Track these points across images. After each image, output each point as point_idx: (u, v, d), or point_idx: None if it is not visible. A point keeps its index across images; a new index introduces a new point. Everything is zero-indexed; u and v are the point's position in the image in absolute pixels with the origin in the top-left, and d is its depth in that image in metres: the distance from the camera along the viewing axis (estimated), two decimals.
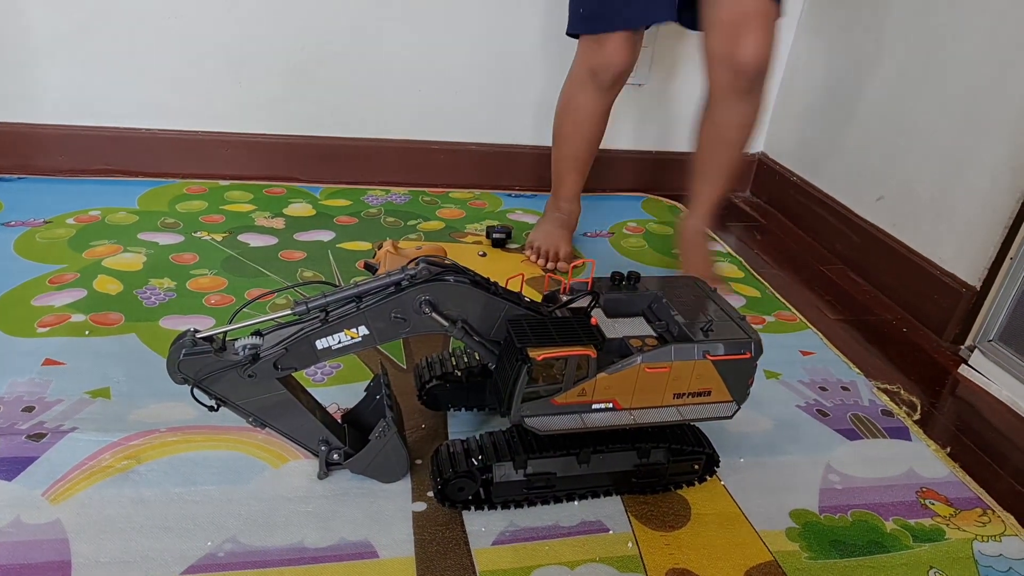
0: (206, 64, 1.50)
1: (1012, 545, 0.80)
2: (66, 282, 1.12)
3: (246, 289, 1.15)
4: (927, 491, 0.87)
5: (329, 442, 0.77)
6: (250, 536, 0.71)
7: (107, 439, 0.81)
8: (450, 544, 0.72)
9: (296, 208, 1.49)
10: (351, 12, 1.51)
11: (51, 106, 1.49)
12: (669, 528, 0.77)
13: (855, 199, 1.51)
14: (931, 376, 1.14)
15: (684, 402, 0.74)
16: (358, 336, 0.71)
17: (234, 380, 0.70)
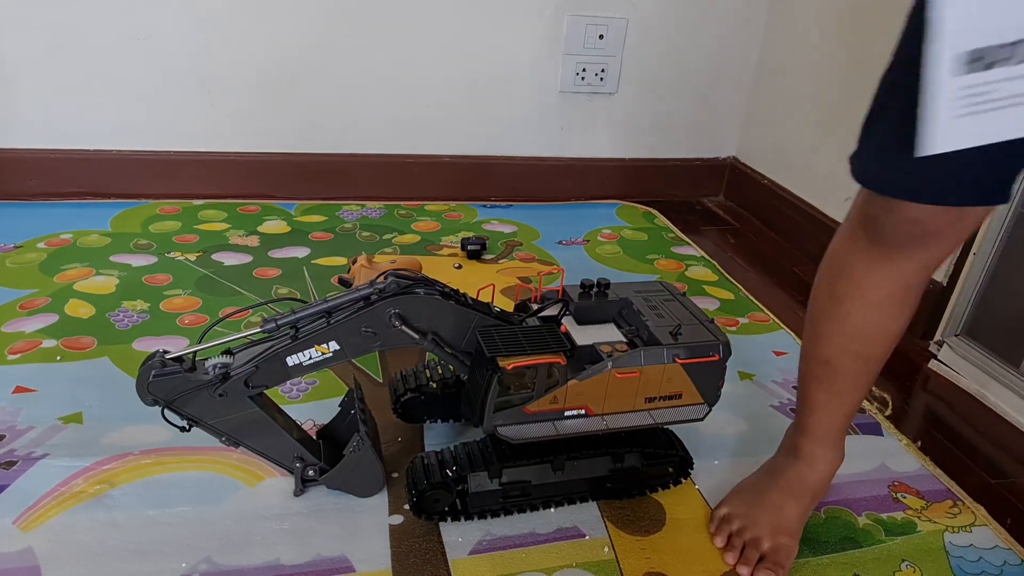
0: (177, 83, 1.50)
1: (982, 535, 0.81)
2: (37, 307, 1.11)
3: (221, 308, 1.14)
4: (899, 485, 0.88)
5: (304, 458, 0.77)
6: (225, 556, 0.70)
7: (80, 464, 0.80)
8: (427, 556, 0.72)
9: (271, 225, 1.49)
10: (321, 28, 1.51)
11: (21, 130, 1.48)
12: (645, 532, 0.77)
13: (825, 200, 1.53)
14: (901, 372, 1.16)
15: (656, 406, 0.75)
16: (329, 351, 0.71)
17: (205, 400, 0.70)
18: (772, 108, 1.70)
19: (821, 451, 0.77)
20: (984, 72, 0.36)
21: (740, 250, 1.59)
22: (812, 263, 1.52)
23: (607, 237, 1.56)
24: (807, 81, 1.59)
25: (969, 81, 0.37)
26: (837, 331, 0.71)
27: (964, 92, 0.37)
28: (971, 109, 0.37)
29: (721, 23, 1.69)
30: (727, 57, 1.72)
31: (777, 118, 1.68)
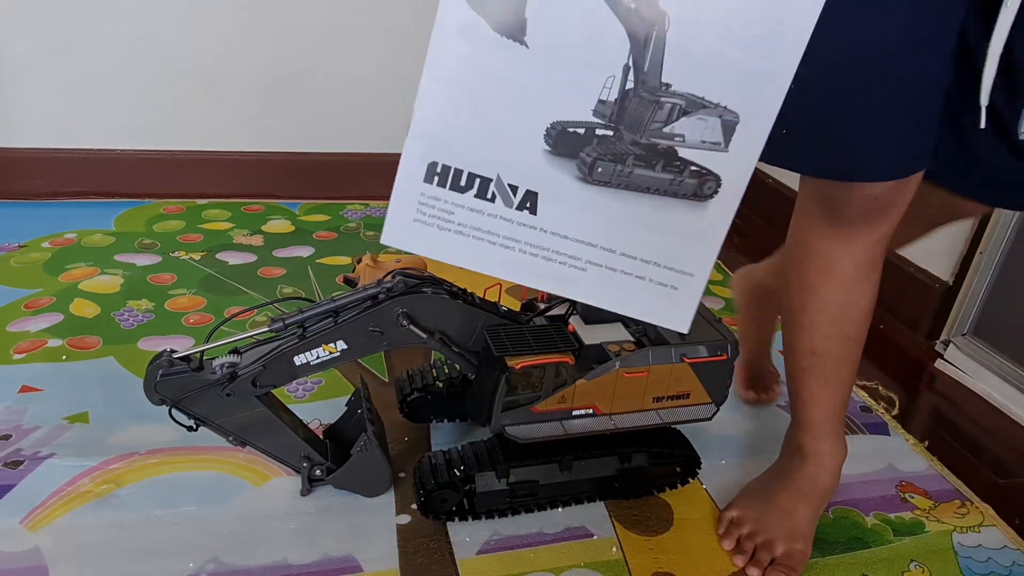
0: (180, 83, 1.50)
1: (991, 536, 0.81)
2: (42, 306, 1.11)
3: (225, 308, 1.14)
4: (906, 485, 0.88)
5: (311, 458, 0.77)
6: (232, 556, 0.70)
7: (86, 464, 0.80)
8: (435, 555, 0.72)
9: (275, 225, 1.49)
10: (324, 26, 1.51)
11: (25, 130, 1.48)
12: (653, 532, 0.77)
13: None
14: (908, 371, 1.16)
15: (663, 405, 0.75)
16: (336, 351, 0.71)
17: (212, 399, 0.70)
18: None
19: (825, 446, 0.76)
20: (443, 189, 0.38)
21: (745, 249, 1.59)
22: None
23: None
24: None
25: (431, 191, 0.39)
26: (817, 318, 0.72)
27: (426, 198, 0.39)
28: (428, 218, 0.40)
29: None
30: None
31: None
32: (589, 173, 0.38)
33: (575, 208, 0.40)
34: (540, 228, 0.41)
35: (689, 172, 0.38)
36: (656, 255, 0.40)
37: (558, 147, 0.38)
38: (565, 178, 0.39)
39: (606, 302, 0.44)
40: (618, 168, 0.38)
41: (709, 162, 0.38)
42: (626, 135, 0.37)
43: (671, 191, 0.38)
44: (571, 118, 0.37)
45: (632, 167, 0.38)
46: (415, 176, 0.40)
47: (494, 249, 0.42)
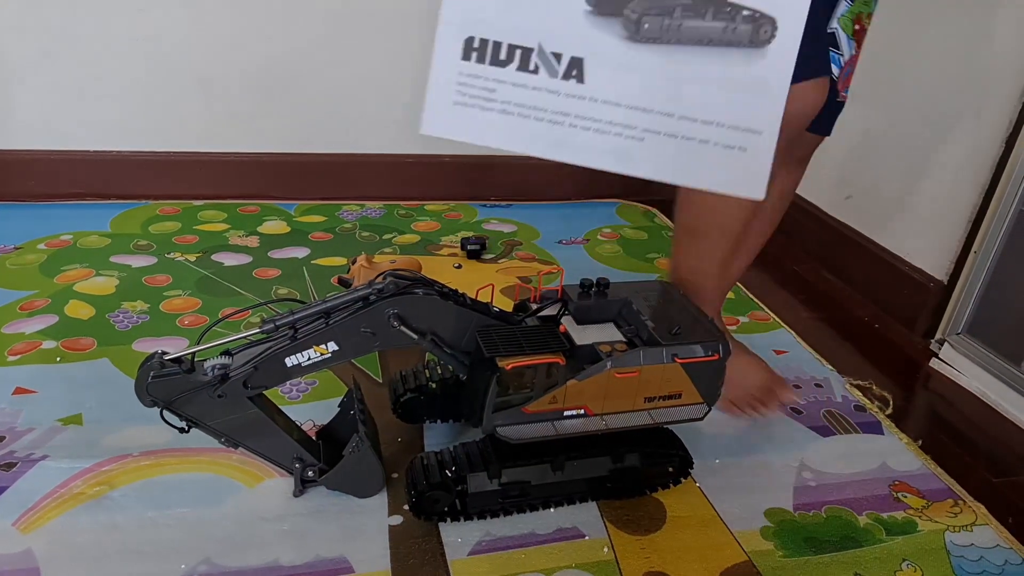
0: (176, 84, 1.50)
1: (983, 534, 0.81)
2: (37, 308, 1.11)
3: (220, 309, 1.14)
4: (900, 484, 0.88)
5: (303, 459, 0.77)
6: (225, 557, 0.70)
7: (79, 466, 0.80)
8: (426, 556, 0.72)
9: (270, 226, 1.49)
10: (320, 27, 1.51)
11: (21, 131, 1.48)
12: (645, 532, 0.77)
13: (825, 199, 1.53)
14: (903, 370, 1.16)
15: (655, 405, 0.75)
16: (328, 352, 0.71)
17: (204, 401, 0.70)
18: None
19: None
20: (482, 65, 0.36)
21: None
22: (813, 261, 1.52)
23: (607, 236, 1.56)
24: None
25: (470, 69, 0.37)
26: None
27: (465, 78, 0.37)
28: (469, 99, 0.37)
29: None
30: None
31: None
32: (636, 31, 0.36)
33: (625, 71, 0.37)
34: (590, 97, 0.38)
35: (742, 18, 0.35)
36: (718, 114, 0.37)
37: (600, 6, 0.36)
38: (611, 39, 0.36)
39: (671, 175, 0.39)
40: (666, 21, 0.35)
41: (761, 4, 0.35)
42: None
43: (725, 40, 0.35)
44: None
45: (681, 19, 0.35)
46: (452, 55, 0.37)
47: (542, 126, 0.39)
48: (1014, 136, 1.09)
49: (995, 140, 1.12)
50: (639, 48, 0.36)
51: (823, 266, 1.51)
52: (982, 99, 1.14)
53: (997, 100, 1.11)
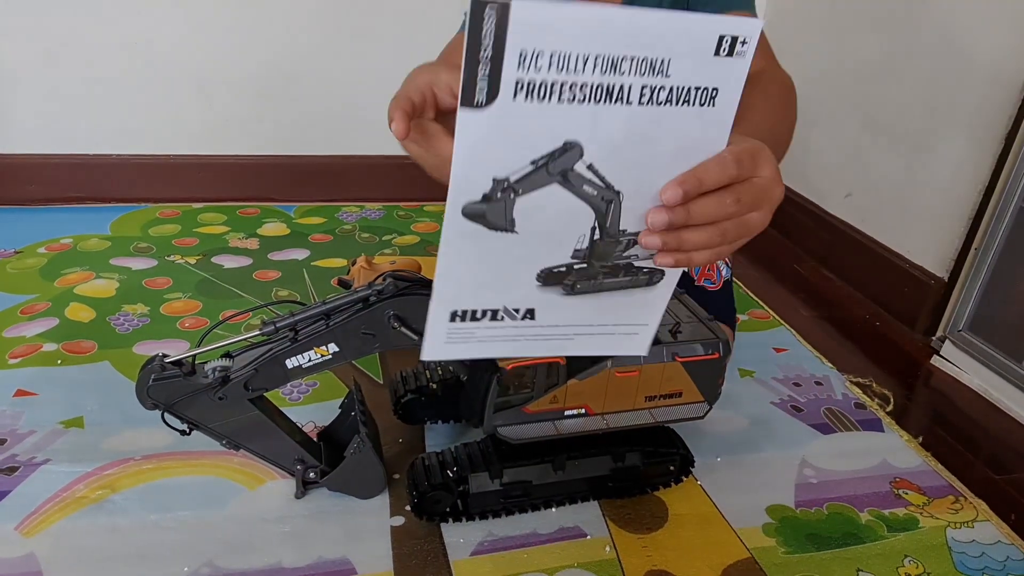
0: (175, 87, 1.51)
1: (984, 531, 0.81)
2: (38, 311, 1.12)
3: (221, 311, 1.14)
4: (901, 481, 0.88)
5: (305, 461, 0.77)
6: (227, 560, 0.70)
7: (81, 469, 0.80)
8: (429, 557, 0.72)
9: (270, 228, 1.49)
10: (318, 29, 1.51)
11: (20, 135, 1.48)
12: (647, 530, 0.77)
13: (824, 197, 1.53)
14: (903, 368, 1.16)
15: (656, 404, 0.75)
16: (328, 353, 0.71)
17: (205, 403, 0.70)
18: None
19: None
20: (464, 323, 0.52)
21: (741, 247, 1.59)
22: (813, 260, 1.52)
23: None
24: (805, 78, 1.58)
25: (455, 326, 0.52)
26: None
27: (452, 330, 0.52)
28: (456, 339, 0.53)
29: None
30: None
31: None
32: (572, 290, 0.51)
33: (563, 309, 0.52)
34: (539, 325, 0.53)
35: (642, 272, 0.51)
36: (621, 320, 0.54)
37: (547, 281, 0.50)
38: (554, 296, 0.51)
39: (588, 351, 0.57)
40: (592, 282, 0.51)
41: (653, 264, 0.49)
42: (596, 264, 0.49)
43: (631, 285, 0.52)
44: (555, 263, 0.49)
45: (602, 279, 0.51)
46: (442, 321, 0.51)
47: (506, 343, 0.54)
48: (1014, 132, 1.09)
49: (995, 137, 1.12)
50: (573, 297, 0.51)
51: (823, 264, 1.51)
52: (982, 96, 1.14)
53: (997, 96, 1.11)
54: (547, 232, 0.46)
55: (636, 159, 0.43)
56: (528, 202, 0.44)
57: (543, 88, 0.39)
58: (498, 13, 0.36)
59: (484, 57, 0.37)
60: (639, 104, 0.41)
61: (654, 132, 0.42)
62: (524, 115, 0.40)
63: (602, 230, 0.47)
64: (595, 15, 0.38)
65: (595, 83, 0.40)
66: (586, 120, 0.41)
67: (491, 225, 0.45)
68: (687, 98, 0.42)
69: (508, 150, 0.42)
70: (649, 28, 0.39)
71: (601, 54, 0.39)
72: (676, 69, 0.40)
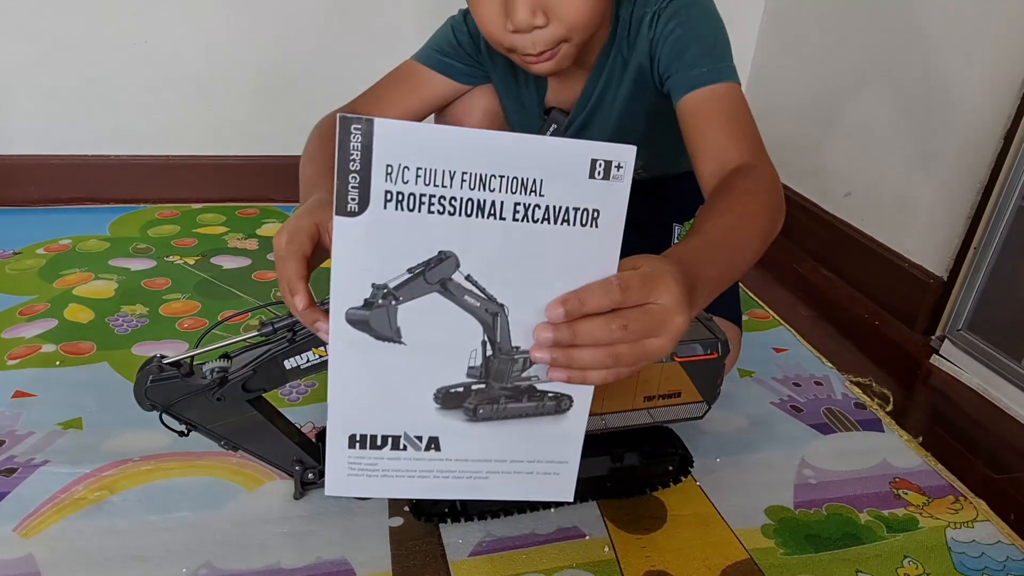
0: (174, 88, 1.50)
1: (984, 531, 0.81)
2: (36, 313, 1.11)
3: (220, 312, 1.14)
4: (900, 481, 0.88)
5: (303, 462, 0.77)
6: (226, 560, 0.70)
7: (80, 471, 0.80)
8: (427, 558, 0.72)
9: (269, 228, 1.49)
10: (316, 30, 1.51)
11: (18, 137, 1.48)
12: (645, 531, 0.77)
13: (823, 196, 1.53)
14: (903, 367, 1.16)
15: (654, 404, 0.75)
16: (327, 354, 0.71)
17: (203, 404, 0.70)
18: (770, 104, 1.70)
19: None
20: (364, 450, 0.50)
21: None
22: (812, 260, 1.52)
23: None
24: (805, 78, 1.58)
25: (356, 454, 0.50)
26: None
27: (353, 459, 0.50)
28: (358, 471, 0.51)
29: None
30: None
31: (775, 114, 1.68)
32: (474, 415, 0.49)
33: (469, 439, 0.50)
34: (446, 459, 0.51)
35: (548, 398, 0.49)
36: (537, 456, 0.51)
37: (445, 403, 0.49)
38: (456, 422, 0.49)
39: (508, 495, 0.53)
40: (495, 407, 0.49)
41: (561, 388, 0.49)
42: (495, 384, 0.48)
43: (538, 412, 0.50)
44: (450, 383, 0.48)
45: (505, 404, 0.49)
46: (340, 446, 0.50)
47: (414, 480, 0.52)
48: (1012, 131, 1.09)
49: (994, 136, 1.12)
50: (478, 425, 0.49)
51: (822, 264, 1.51)
52: (981, 95, 1.14)
53: (995, 95, 1.11)
54: (437, 344, 0.46)
55: (519, 274, 0.44)
56: (412, 312, 0.45)
57: (412, 199, 0.41)
58: (363, 130, 0.39)
59: (354, 169, 0.40)
60: (513, 220, 0.42)
61: (535, 248, 0.43)
62: (397, 223, 0.42)
63: (493, 345, 0.46)
64: (458, 136, 0.41)
65: (464, 197, 0.41)
66: (460, 232, 0.42)
67: (377, 334, 0.45)
68: (566, 217, 0.43)
69: (384, 257, 0.43)
70: (515, 150, 0.41)
71: (468, 171, 0.41)
72: (549, 190, 0.42)
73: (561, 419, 0.50)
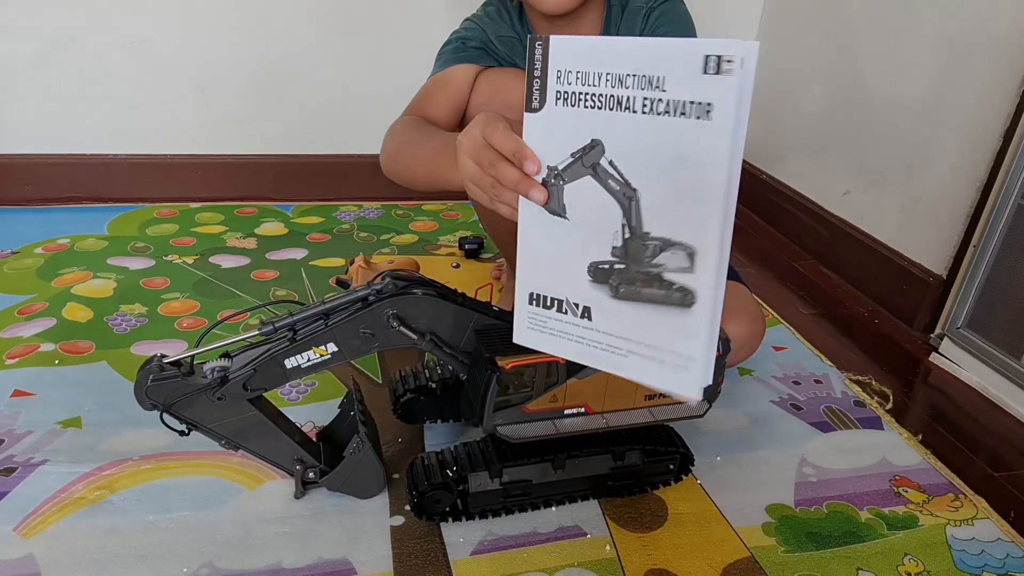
0: (172, 86, 1.50)
1: (984, 528, 0.81)
2: (35, 312, 1.11)
3: (219, 311, 1.14)
4: (900, 479, 0.88)
5: (304, 461, 0.76)
6: (227, 560, 0.70)
7: (79, 470, 0.80)
8: (429, 557, 0.72)
9: (268, 227, 1.49)
10: (315, 29, 1.51)
11: (16, 136, 1.48)
12: (646, 529, 0.77)
13: (823, 194, 1.53)
14: (902, 365, 1.16)
15: (655, 403, 0.75)
16: (327, 353, 0.71)
17: (204, 404, 0.69)
18: (770, 104, 1.70)
19: None
20: (539, 308, 0.59)
21: (739, 245, 1.59)
22: (812, 258, 1.52)
23: None
24: (805, 77, 1.58)
25: (533, 310, 0.60)
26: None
27: (531, 314, 0.60)
28: (534, 326, 0.60)
29: (717, 19, 1.69)
30: None
31: (775, 114, 1.68)
32: (616, 292, 0.55)
33: (613, 315, 0.56)
34: (595, 329, 0.57)
35: (674, 289, 0.53)
36: (668, 346, 0.55)
37: (596, 277, 0.56)
38: (604, 297, 0.56)
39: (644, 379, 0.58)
40: (632, 288, 0.55)
41: (686, 281, 0.53)
42: (632, 266, 0.54)
43: (665, 301, 0.53)
44: (600, 258, 0.55)
45: (640, 287, 0.54)
46: (523, 302, 0.60)
47: (571, 344, 0.59)
48: (1012, 130, 1.09)
49: (993, 134, 1.12)
50: (619, 302, 0.55)
51: (822, 262, 1.51)
52: (980, 93, 1.14)
53: (995, 94, 1.11)
54: (590, 222, 0.55)
55: (646, 161, 0.51)
56: (572, 192, 0.54)
57: (573, 96, 0.51)
58: (543, 45, 0.51)
59: (536, 75, 0.52)
60: (643, 113, 0.49)
61: (658, 139, 0.50)
62: (564, 116, 0.52)
63: (630, 227, 0.53)
64: (604, 43, 0.50)
65: (607, 94, 0.50)
66: (604, 123, 0.51)
67: (551, 209, 0.56)
68: (683, 110, 0.48)
69: (557, 144, 0.54)
70: (644, 50, 0.49)
71: (610, 71, 0.49)
72: (671, 84, 0.48)
73: (687, 313, 0.53)
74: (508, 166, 0.56)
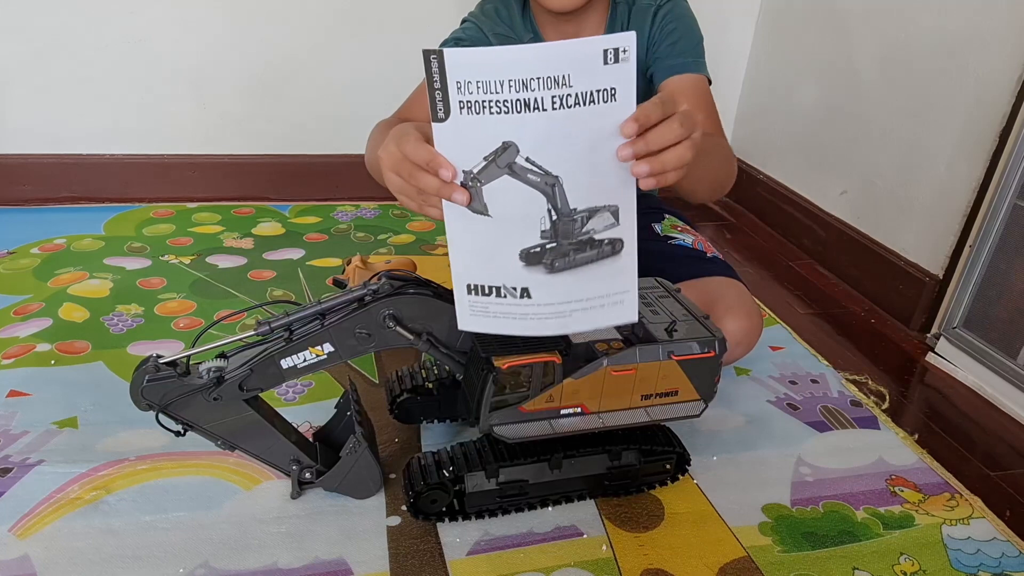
0: (169, 87, 1.50)
1: (980, 527, 0.81)
2: (31, 312, 1.11)
3: (215, 311, 1.14)
4: (896, 478, 0.88)
5: (300, 461, 0.76)
6: (223, 560, 0.70)
7: (75, 470, 0.80)
8: (425, 557, 0.72)
9: (265, 227, 1.48)
10: (312, 29, 1.51)
11: (13, 135, 1.47)
12: (643, 529, 0.77)
13: (820, 194, 1.53)
14: (899, 365, 1.16)
15: (652, 403, 0.75)
16: (323, 353, 0.71)
17: (200, 404, 0.69)
18: (767, 103, 1.70)
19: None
20: (478, 296, 0.63)
21: (736, 245, 1.59)
22: (808, 258, 1.53)
23: None
24: (802, 76, 1.58)
25: (472, 299, 0.63)
26: None
27: (471, 303, 0.63)
28: (477, 312, 0.64)
29: (716, 19, 1.68)
30: (721, 52, 1.72)
31: (772, 113, 1.68)
32: (552, 268, 0.61)
33: (551, 287, 0.62)
34: (537, 303, 0.62)
35: (604, 244, 0.60)
36: (606, 291, 0.62)
37: (528, 261, 0.61)
38: (540, 275, 0.61)
39: (589, 327, 0.64)
40: (567, 259, 0.61)
41: (613, 234, 0.60)
42: (563, 242, 0.60)
43: (599, 257, 0.61)
44: (529, 244, 0.60)
45: (574, 256, 0.60)
46: (462, 292, 0.63)
47: (516, 320, 0.63)
48: (1008, 129, 1.09)
49: (989, 134, 1.12)
50: (556, 275, 0.61)
51: (818, 262, 1.51)
52: (976, 93, 1.14)
53: (991, 94, 1.12)
54: (514, 215, 0.59)
55: (565, 149, 0.55)
56: (492, 191, 0.58)
57: (477, 104, 0.54)
58: (438, 59, 0.52)
59: (436, 87, 0.54)
60: (553, 109, 0.53)
61: (573, 127, 0.54)
62: (470, 124, 0.55)
63: (556, 210, 0.58)
64: (500, 53, 0.52)
65: (513, 99, 0.53)
66: (514, 125, 0.54)
67: (473, 209, 0.59)
68: (592, 98, 0.53)
69: (468, 151, 0.56)
70: (544, 54, 0.52)
71: (512, 78, 0.52)
72: (576, 79, 0.52)
73: (617, 258, 0.60)
74: (427, 175, 0.58)
